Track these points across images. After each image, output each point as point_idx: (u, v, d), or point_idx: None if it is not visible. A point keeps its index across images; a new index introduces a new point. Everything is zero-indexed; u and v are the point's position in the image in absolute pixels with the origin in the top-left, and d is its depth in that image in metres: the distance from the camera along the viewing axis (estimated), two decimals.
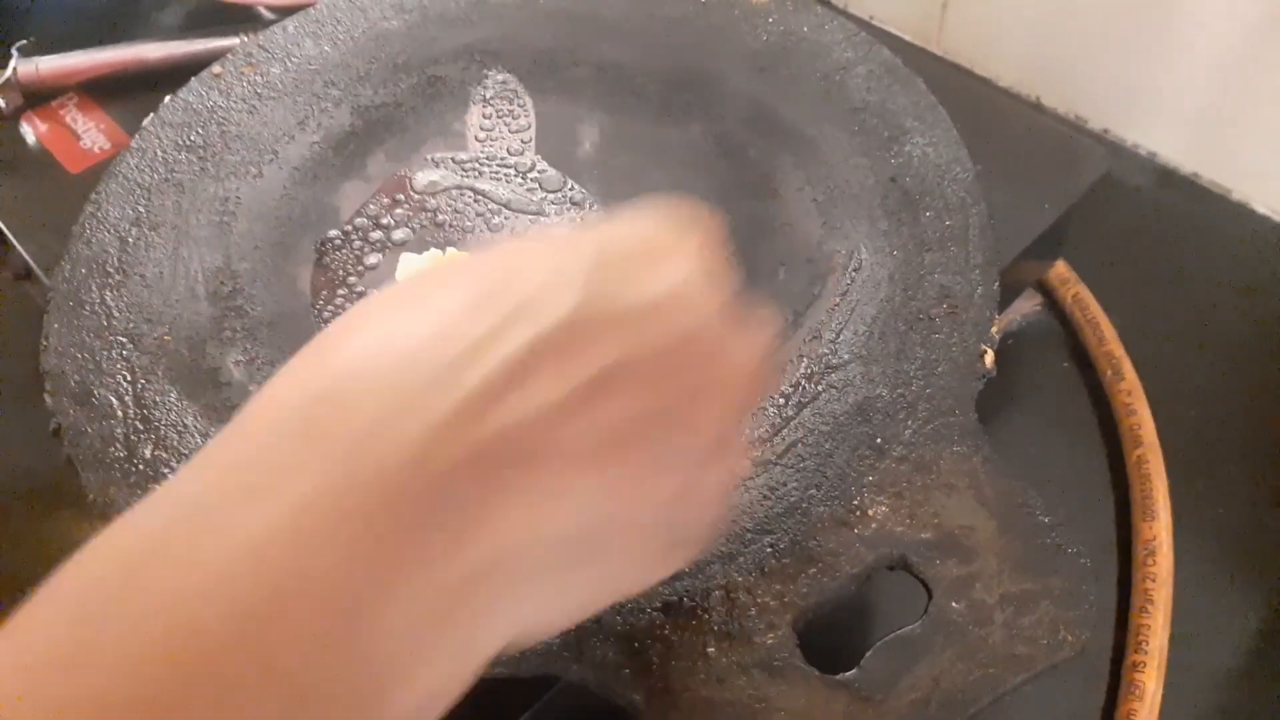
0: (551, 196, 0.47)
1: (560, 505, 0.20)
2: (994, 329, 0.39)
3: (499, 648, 0.21)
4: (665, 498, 0.22)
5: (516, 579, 0.20)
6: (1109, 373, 0.52)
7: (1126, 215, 0.60)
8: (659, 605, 0.33)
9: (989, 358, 0.38)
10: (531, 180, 0.48)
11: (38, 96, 0.59)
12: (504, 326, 0.19)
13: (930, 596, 0.33)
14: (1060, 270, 0.56)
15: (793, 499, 0.35)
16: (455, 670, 0.20)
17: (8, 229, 0.51)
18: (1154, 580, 0.44)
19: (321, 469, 0.18)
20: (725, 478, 0.26)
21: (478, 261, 0.22)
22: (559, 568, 0.21)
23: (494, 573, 0.19)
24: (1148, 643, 0.43)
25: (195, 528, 0.18)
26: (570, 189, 0.47)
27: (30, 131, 0.58)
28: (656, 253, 0.22)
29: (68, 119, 0.58)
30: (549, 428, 0.19)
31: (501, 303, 0.20)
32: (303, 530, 0.17)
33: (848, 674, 0.31)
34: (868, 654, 0.31)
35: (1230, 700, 0.43)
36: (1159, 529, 0.45)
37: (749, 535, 0.34)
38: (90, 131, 0.57)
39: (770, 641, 0.32)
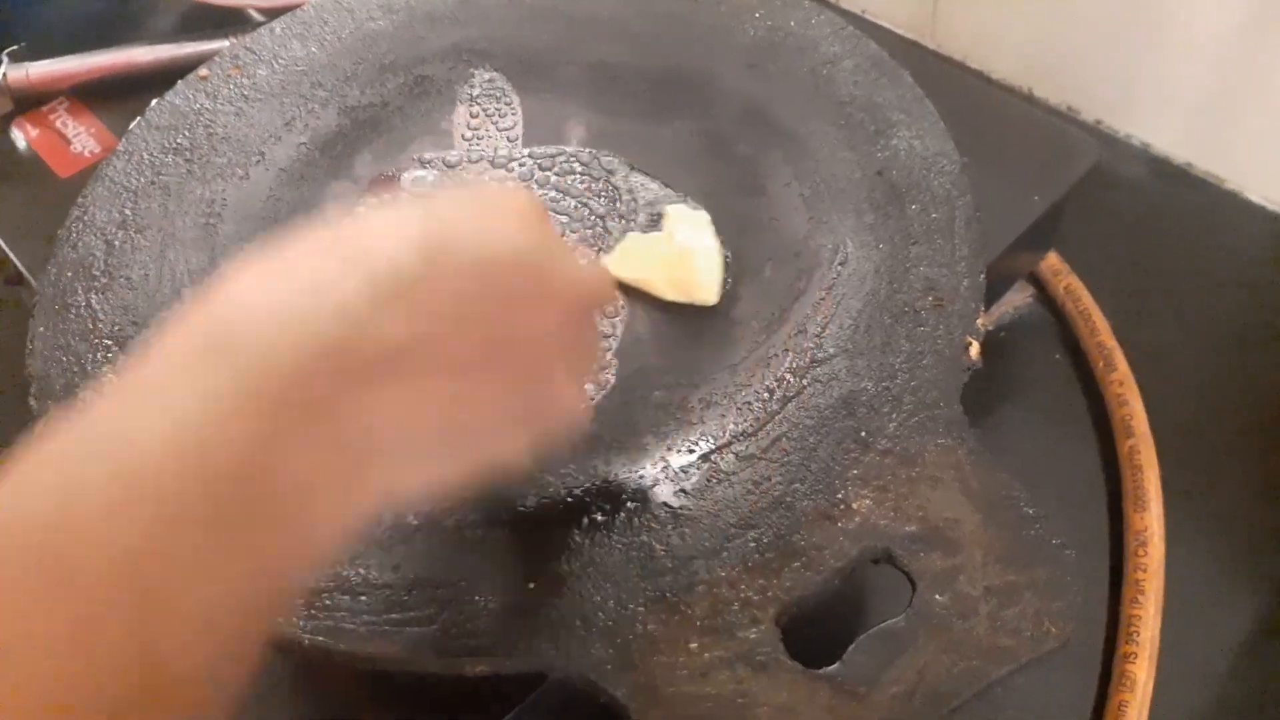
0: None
1: (413, 399, 0.25)
2: (980, 321, 0.39)
3: (382, 497, 0.26)
4: (513, 389, 0.28)
5: (386, 447, 0.25)
6: (1101, 364, 0.51)
7: (1119, 206, 0.60)
8: (642, 601, 0.33)
9: (974, 350, 0.38)
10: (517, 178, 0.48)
11: (28, 102, 0.59)
12: (360, 275, 0.25)
13: (914, 589, 0.32)
14: (1052, 262, 0.55)
15: (777, 493, 0.35)
16: (345, 505, 0.25)
17: None
18: (1145, 571, 0.44)
19: (222, 376, 0.23)
20: (573, 360, 0.31)
21: (336, 229, 0.26)
22: (424, 444, 0.26)
23: (368, 439, 0.25)
24: (1139, 633, 0.43)
25: (130, 409, 0.23)
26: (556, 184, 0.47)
27: (21, 136, 0.58)
28: (485, 213, 0.28)
29: (58, 124, 0.58)
30: (400, 350, 0.25)
31: (357, 257, 0.25)
32: (217, 399, 0.22)
33: (831, 668, 0.31)
34: (851, 647, 0.31)
35: (1222, 690, 0.43)
36: (1150, 519, 0.45)
37: (733, 530, 0.34)
38: (80, 136, 0.57)
39: (753, 636, 0.32)
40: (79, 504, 0.21)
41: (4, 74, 0.58)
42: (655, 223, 0.45)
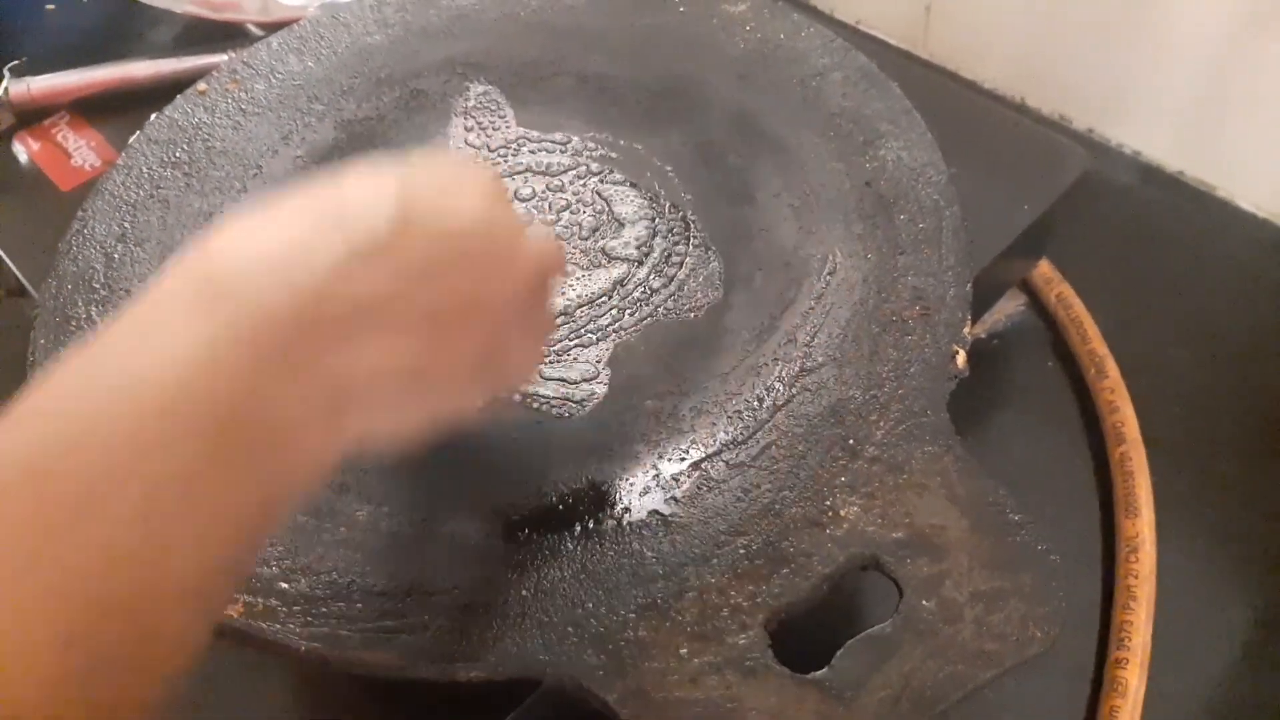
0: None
1: (387, 352, 0.28)
2: (966, 330, 0.39)
3: (358, 438, 0.28)
4: (468, 353, 0.30)
5: (362, 393, 0.28)
6: (1093, 371, 0.52)
7: (1111, 214, 0.60)
8: (633, 607, 0.33)
9: (961, 358, 0.38)
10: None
11: (29, 116, 0.60)
12: (339, 235, 0.27)
13: (901, 595, 0.33)
14: (1044, 270, 0.56)
15: (766, 500, 0.36)
16: (327, 441, 0.27)
17: (0, 247, 0.52)
18: (1137, 577, 0.44)
19: (215, 318, 0.25)
20: (529, 332, 0.34)
21: (317, 191, 0.28)
22: (394, 393, 0.29)
23: (345, 384, 0.27)
24: (1130, 639, 0.43)
25: (129, 350, 0.25)
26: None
27: (22, 150, 0.58)
28: (454, 184, 0.30)
29: (59, 137, 0.59)
30: (372, 303, 0.27)
31: (337, 219, 0.27)
32: (219, 342, 0.25)
33: (819, 673, 0.31)
34: (839, 653, 0.32)
35: (1213, 695, 0.43)
36: (1142, 525, 0.46)
37: (723, 537, 0.35)
38: (81, 149, 0.58)
39: (743, 642, 0.32)
40: (92, 432, 0.23)
41: (5, 89, 0.59)
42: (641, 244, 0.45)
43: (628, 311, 0.43)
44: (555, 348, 0.41)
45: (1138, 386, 0.50)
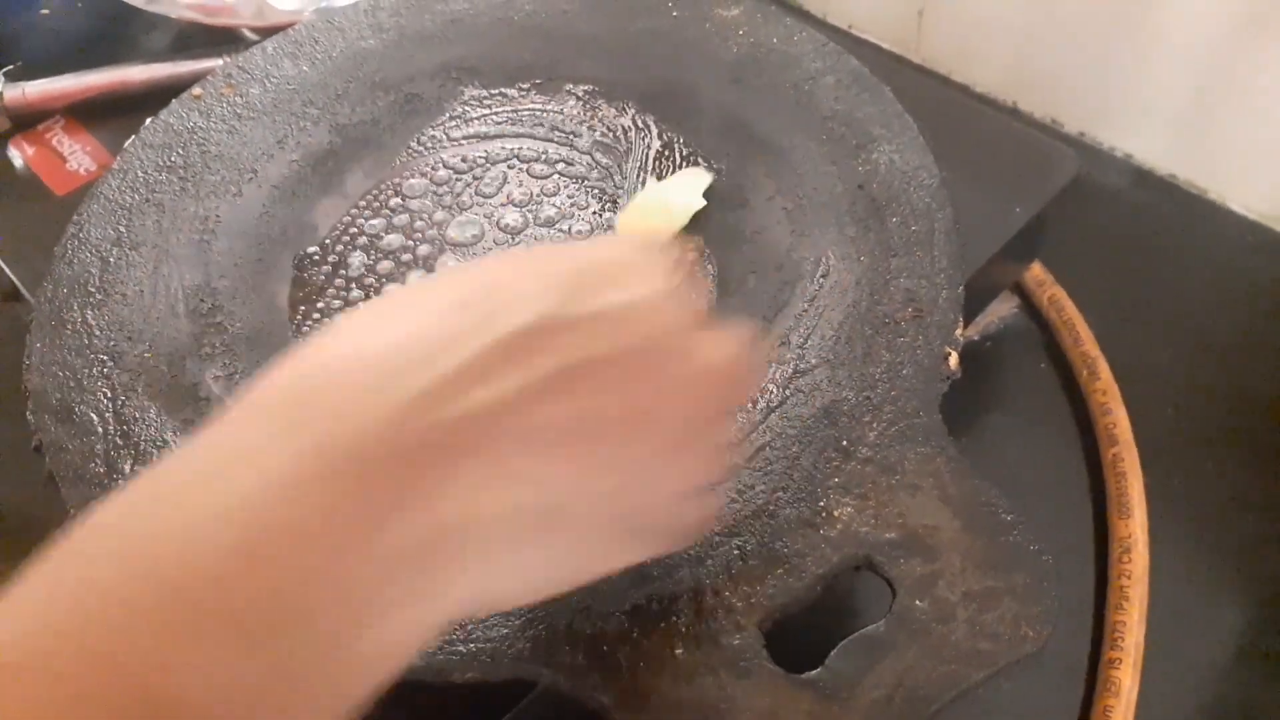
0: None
1: (513, 485, 0.22)
2: (958, 332, 0.39)
3: (462, 608, 0.23)
4: (612, 489, 0.24)
5: (476, 545, 0.22)
6: (1085, 373, 0.52)
7: (1103, 217, 0.60)
8: (627, 609, 0.33)
9: (953, 360, 0.38)
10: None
11: (25, 120, 0.60)
12: (475, 327, 0.22)
13: (894, 595, 0.33)
14: (1037, 272, 0.56)
15: (760, 501, 0.36)
16: (420, 619, 0.22)
17: None
18: (1129, 577, 0.45)
19: (307, 434, 0.20)
20: (703, 468, 0.27)
21: (459, 273, 0.24)
22: (513, 541, 0.23)
23: (455, 535, 0.22)
24: (1124, 639, 0.43)
25: (191, 485, 0.21)
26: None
27: (18, 155, 0.58)
28: (627, 269, 0.25)
29: (54, 142, 0.59)
30: (506, 415, 0.22)
31: (476, 308, 0.22)
32: (290, 483, 0.20)
33: (813, 673, 0.32)
34: (833, 653, 0.32)
35: (1206, 695, 0.43)
36: (1134, 526, 0.46)
37: (717, 538, 0.35)
38: (77, 154, 0.58)
39: (737, 642, 0.32)
40: (139, 568, 0.19)
41: (1, 93, 0.59)
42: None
43: None
44: None
45: (1130, 388, 0.50)
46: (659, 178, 0.48)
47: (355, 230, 0.48)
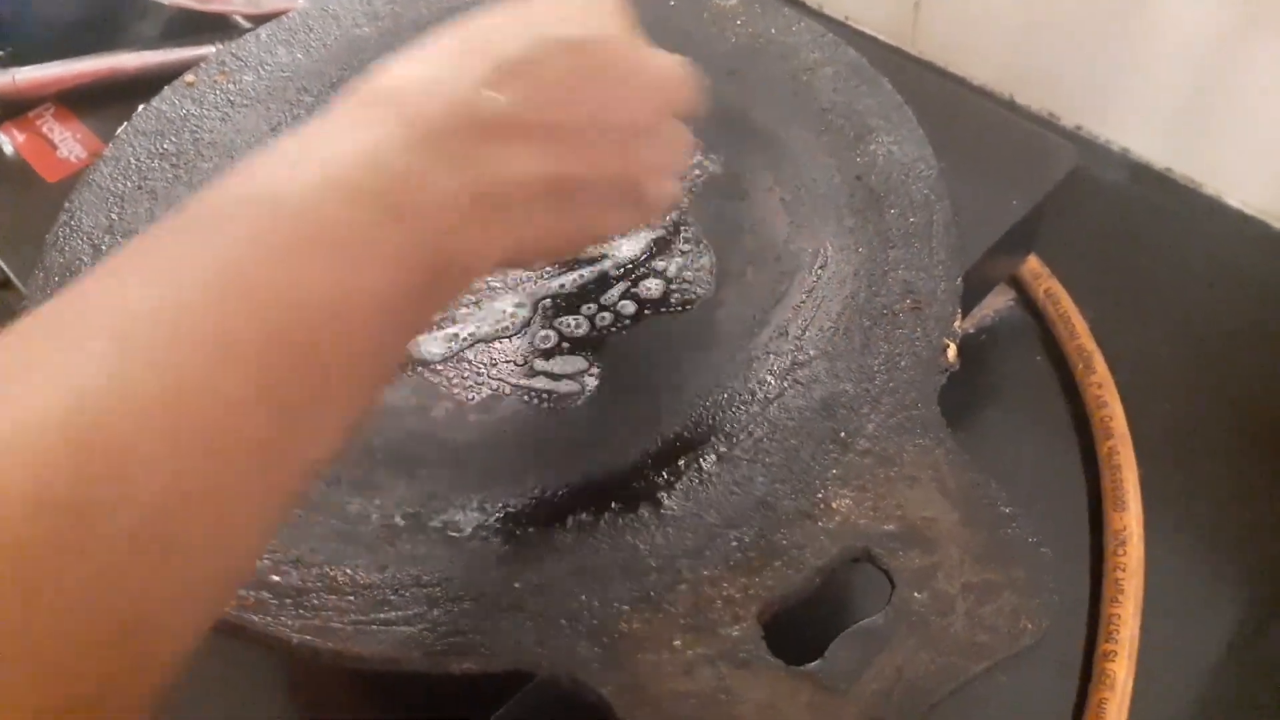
0: None
1: (531, 160, 0.30)
2: (957, 324, 0.39)
3: (507, 247, 0.30)
4: (609, 164, 0.32)
5: (511, 202, 0.30)
6: (1080, 366, 0.52)
7: (1099, 211, 0.60)
8: (626, 600, 0.33)
9: (951, 352, 0.38)
10: None
11: (15, 107, 0.59)
12: (482, 58, 0.30)
13: (893, 587, 0.33)
14: (1032, 265, 0.56)
15: (759, 493, 0.36)
16: (484, 237, 0.29)
17: None
18: (1124, 570, 0.45)
19: (386, 119, 0.28)
20: (666, 153, 0.35)
21: (457, 27, 0.31)
22: (539, 202, 0.30)
23: (498, 184, 0.29)
24: (1119, 632, 0.43)
25: (297, 151, 0.28)
26: None
27: (8, 142, 0.58)
28: (579, 6, 0.33)
29: (45, 129, 0.58)
30: (515, 112, 0.29)
31: (478, 45, 0.31)
32: (383, 141, 0.27)
33: (812, 665, 0.32)
34: (831, 645, 0.32)
35: (1200, 688, 0.43)
36: (1129, 519, 0.46)
37: (715, 529, 0.35)
38: (67, 141, 0.58)
39: (736, 634, 0.32)
40: (286, 184, 0.26)
41: None
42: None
43: (619, 306, 0.43)
44: (546, 347, 0.41)
45: (1125, 382, 0.50)
46: None
47: None
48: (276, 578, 0.34)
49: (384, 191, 0.27)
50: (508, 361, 0.41)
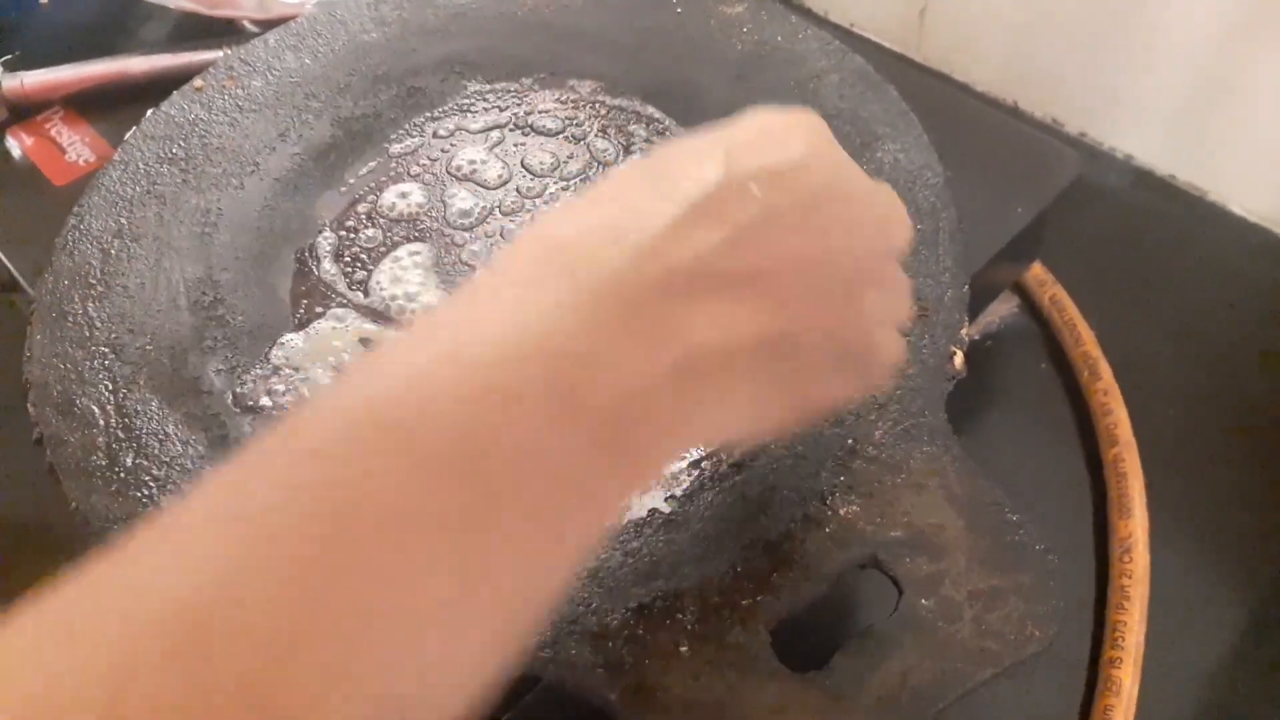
0: (529, 204, 0.47)
1: (736, 319, 0.25)
2: (964, 331, 0.39)
3: (708, 428, 0.26)
4: (830, 318, 0.27)
5: (713, 364, 0.25)
6: (1086, 373, 0.52)
7: (1103, 217, 0.60)
8: (633, 606, 0.33)
9: (959, 359, 0.38)
10: (511, 188, 0.48)
11: (23, 111, 0.59)
12: (672, 196, 0.25)
13: (900, 594, 0.33)
14: (1037, 272, 0.56)
15: (766, 500, 0.36)
16: (677, 418, 0.25)
17: None
18: (1130, 577, 0.45)
19: (559, 282, 0.24)
20: (892, 304, 0.30)
21: (633, 165, 0.29)
22: (746, 375, 0.26)
23: (694, 351, 0.24)
24: (1124, 639, 0.43)
25: (460, 321, 0.24)
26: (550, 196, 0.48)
27: (16, 145, 0.58)
28: (780, 130, 0.28)
29: (53, 133, 0.58)
30: (722, 261, 0.25)
31: (666, 182, 0.26)
32: (559, 308, 0.23)
33: (819, 671, 0.32)
34: (838, 652, 0.32)
35: (1206, 695, 0.43)
36: (1135, 526, 0.46)
37: (722, 535, 0.35)
38: (75, 145, 0.58)
39: (743, 640, 0.32)
40: (424, 388, 0.22)
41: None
42: None
43: None
44: None
45: (1130, 389, 0.50)
46: None
47: (357, 223, 0.47)
48: None
49: (555, 382, 0.23)
50: None
